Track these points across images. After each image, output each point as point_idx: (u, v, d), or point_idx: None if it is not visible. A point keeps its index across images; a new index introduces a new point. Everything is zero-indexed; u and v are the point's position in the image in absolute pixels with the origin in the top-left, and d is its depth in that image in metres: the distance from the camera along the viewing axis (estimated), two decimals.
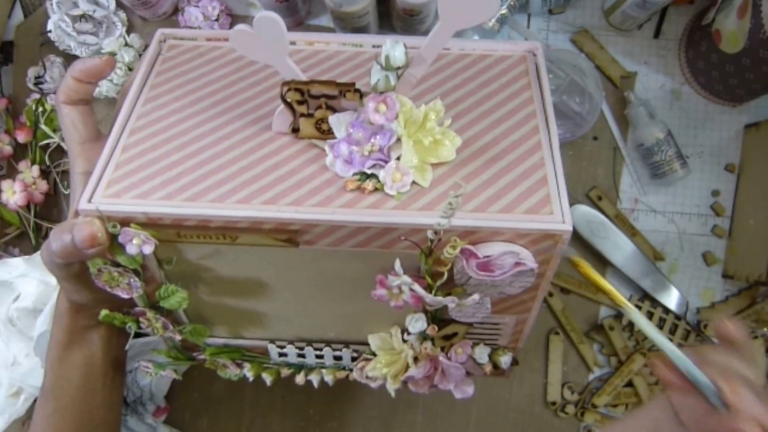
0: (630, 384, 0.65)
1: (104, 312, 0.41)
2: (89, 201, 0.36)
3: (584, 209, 0.63)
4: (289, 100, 0.38)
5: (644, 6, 0.58)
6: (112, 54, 0.62)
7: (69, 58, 0.65)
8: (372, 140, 0.36)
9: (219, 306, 0.43)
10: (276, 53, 0.35)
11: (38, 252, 0.58)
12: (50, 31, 0.62)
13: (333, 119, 0.38)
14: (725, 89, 0.61)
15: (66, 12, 0.61)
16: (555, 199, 0.35)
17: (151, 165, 0.37)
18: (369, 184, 0.36)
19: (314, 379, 0.48)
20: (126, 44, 0.63)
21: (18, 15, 0.66)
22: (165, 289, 0.40)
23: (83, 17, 0.62)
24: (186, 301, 0.40)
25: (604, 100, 0.62)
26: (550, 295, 0.65)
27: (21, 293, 0.57)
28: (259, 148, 0.38)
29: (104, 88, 0.63)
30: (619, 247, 0.63)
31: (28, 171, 0.64)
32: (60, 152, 0.65)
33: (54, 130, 0.63)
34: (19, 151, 0.65)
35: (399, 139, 0.37)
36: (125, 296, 0.38)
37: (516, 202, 0.35)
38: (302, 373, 0.48)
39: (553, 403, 0.65)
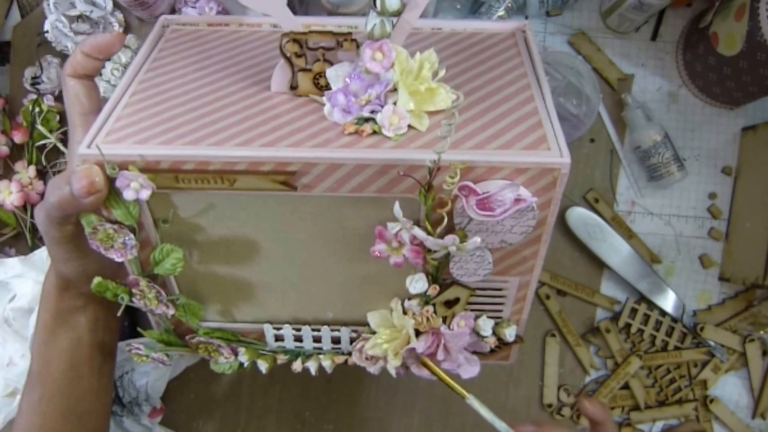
0: (626, 386, 0.65)
1: (98, 279, 0.40)
2: (88, 147, 0.36)
3: (581, 211, 0.63)
4: (288, 53, 0.38)
5: (642, 8, 0.58)
6: None
7: (66, 59, 0.65)
8: (369, 91, 0.37)
9: (212, 277, 0.43)
10: (275, 3, 0.37)
11: (34, 252, 0.58)
12: (47, 32, 0.62)
13: (330, 72, 0.38)
14: (722, 92, 0.61)
15: (63, 12, 0.61)
16: (551, 138, 0.36)
17: (152, 117, 0.38)
18: (367, 127, 0.36)
19: (312, 366, 0.47)
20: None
21: (15, 15, 0.66)
22: (160, 250, 0.39)
23: (80, 18, 0.62)
24: (181, 262, 0.39)
25: (601, 102, 0.62)
26: (547, 297, 0.65)
27: (17, 293, 0.57)
28: (259, 103, 0.39)
29: (102, 88, 0.63)
30: (615, 250, 0.63)
31: (25, 171, 0.64)
32: (56, 153, 0.65)
33: (50, 131, 0.63)
34: (16, 151, 0.65)
35: (395, 89, 0.37)
36: (119, 259, 0.38)
37: (513, 141, 0.36)
38: (299, 360, 0.47)
39: (549, 406, 0.65)
